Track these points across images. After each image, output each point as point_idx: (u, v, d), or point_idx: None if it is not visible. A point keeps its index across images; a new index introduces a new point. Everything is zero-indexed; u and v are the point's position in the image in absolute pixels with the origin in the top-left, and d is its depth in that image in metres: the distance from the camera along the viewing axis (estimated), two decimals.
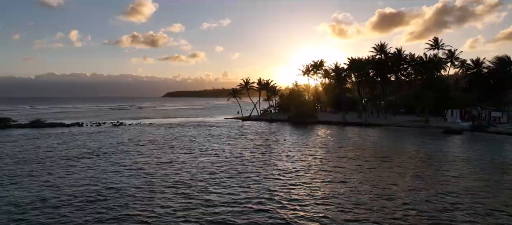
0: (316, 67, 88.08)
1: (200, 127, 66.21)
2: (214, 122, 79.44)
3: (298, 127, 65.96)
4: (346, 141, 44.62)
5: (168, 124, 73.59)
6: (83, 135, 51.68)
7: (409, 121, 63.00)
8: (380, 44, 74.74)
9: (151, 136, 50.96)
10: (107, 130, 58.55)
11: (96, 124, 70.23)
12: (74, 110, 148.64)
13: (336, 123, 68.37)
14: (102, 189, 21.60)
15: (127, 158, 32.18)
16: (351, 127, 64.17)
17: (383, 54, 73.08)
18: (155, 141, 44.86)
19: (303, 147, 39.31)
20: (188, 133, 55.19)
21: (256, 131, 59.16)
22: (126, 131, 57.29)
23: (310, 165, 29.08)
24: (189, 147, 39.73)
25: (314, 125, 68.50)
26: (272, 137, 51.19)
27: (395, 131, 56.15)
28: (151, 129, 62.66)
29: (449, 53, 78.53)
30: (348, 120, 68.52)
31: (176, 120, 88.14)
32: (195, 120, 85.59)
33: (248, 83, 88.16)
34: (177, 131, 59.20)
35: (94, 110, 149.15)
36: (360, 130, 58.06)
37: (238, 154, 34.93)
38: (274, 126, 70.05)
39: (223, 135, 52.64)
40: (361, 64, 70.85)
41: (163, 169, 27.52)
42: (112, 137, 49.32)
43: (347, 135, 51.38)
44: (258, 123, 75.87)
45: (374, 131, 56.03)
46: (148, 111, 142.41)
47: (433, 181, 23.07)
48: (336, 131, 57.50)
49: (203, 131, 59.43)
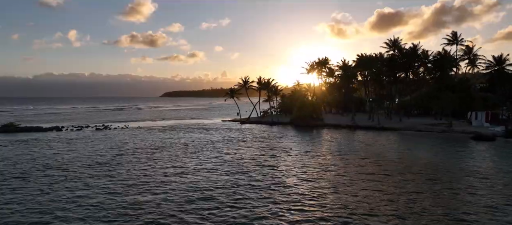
0: (321, 65, 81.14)
1: (195, 131, 59.29)
2: (211, 125, 72.55)
3: (302, 131, 59.12)
4: (365, 150, 37.74)
5: (160, 127, 66.64)
6: (55, 142, 44.65)
7: (428, 125, 56.14)
8: (393, 39, 67.88)
9: (135, 143, 43.97)
10: (86, 136, 51.53)
11: (78, 128, 63.12)
12: (65, 111, 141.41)
13: (345, 126, 61.51)
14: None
15: (83, 180, 25.23)
16: (362, 131, 57.32)
17: (397, 50, 65.77)
18: (137, 151, 37.89)
19: (315, 158, 32.45)
20: (179, 140, 48.25)
21: (256, 136, 52.31)
22: (108, 137, 50.29)
23: (334, 186, 22.29)
24: (177, 159, 32.80)
25: (320, 129, 61.68)
26: (276, 143, 44.34)
27: (415, 136, 49.30)
28: (139, 133, 55.69)
29: (466, 49, 71.86)
30: (358, 123, 61.68)
31: (170, 122, 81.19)
32: (190, 123, 78.63)
33: (247, 82, 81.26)
34: (168, 136, 52.25)
35: (87, 111, 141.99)
36: (375, 135, 51.25)
37: (240, 169, 28.16)
38: (276, 129, 63.19)
39: (220, 142, 45.76)
40: (372, 61, 63.98)
41: (132, 197, 20.55)
42: (87, 145, 42.30)
43: (363, 142, 44.50)
44: (258, 126, 68.99)
45: (392, 137, 49.20)
46: (144, 112, 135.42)
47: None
48: (347, 137, 50.64)
49: (198, 136, 52.51)
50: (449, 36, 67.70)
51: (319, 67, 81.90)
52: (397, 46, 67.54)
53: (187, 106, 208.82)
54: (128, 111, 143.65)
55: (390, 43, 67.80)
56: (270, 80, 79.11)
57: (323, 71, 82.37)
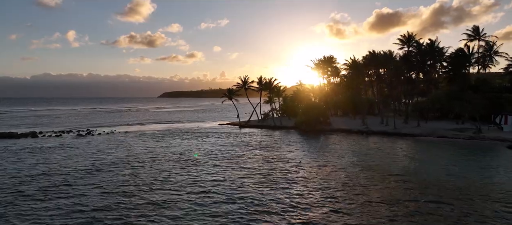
0: (326, 63, 74.73)
1: (189, 138, 52.86)
2: (207, 130, 66.14)
3: (309, 137, 52.77)
4: (391, 164, 31.38)
5: (151, 132, 60.16)
6: (22, 153, 38.15)
7: (452, 130, 49.77)
8: (408, 35, 61.40)
9: (117, 154, 37.52)
10: (63, 144, 45.00)
11: (58, 134, 56.47)
12: (56, 113, 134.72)
13: (357, 131, 55.10)
14: None
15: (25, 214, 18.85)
16: (377, 137, 50.94)
17: (412, 46, 58.93)
18: (116, 165, 31.44)
19: (334, 176, 26.07)
20: (169, 149, 41.81)
21: (257, 143, 45.94)
22: (88, 146, 43.81)
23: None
24: (163, 178, 26.41)
25: (328, 135, 55.30)
26: (281, 152, 37.96)
27: (440, 145, 42.93)
28: (126, 140, 49.22)
29: (486, 45, 65.54)
30: (371, 128, 55.29)
31: (162, 126, 74.70)
32: (185, 127, 72.12)
33: (246, 82, 74.75)
34: (157, 144, 45.83)
35: (79, 113, 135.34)
36: (393, 143, 44.89)
37: (243, 192, 21.93)
38: (279, 135, 56.82)
39: (217, 152, 39.32)
40: (386, 58, 57.49)
41: None
42: (57, 157, 35.82)
43: (384, 153, 38.10)
44: (259, 131, 62.56)
45: (415, 145, 42.86)
46: (139, 114, 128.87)
47: None
48: (362, 145, 44.26)
49: (192, 143, 46.06)
50: (470, 31, 61.35)
51: (324, 66, 75.45)
52: (412, 42, 61.04)
53: (185, 107, 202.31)
54: (123, 113, 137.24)
55: (404, 39, 61.38)
56: (272, 80, 72.63)
57: (329, 70, 75.94)
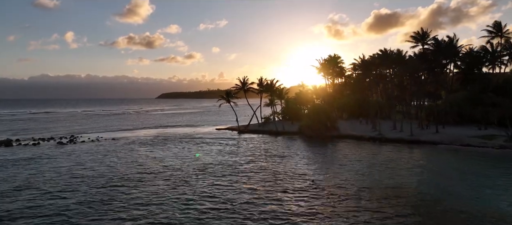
0: (331, 63, 69.37)
1: (183, 145, 47.41)
2: (203, 135, 60.75)
3: (315, 145, 47.44)
4: (420, 182, 26.00)
5: (141, 139, 54.68)
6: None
7: (476, 138, 44.36)
8: (422, 31, 55.97)
9: (96, 168, 32.03)
10: (37, 155, 39.47)
11: (36, 142, 50.75)
12: (50, 116, 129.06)
13: (369, 138, 49.68)
14: None
15: None
16: (392, 145, 45.58)
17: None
18: (90, 183, 25.96)
19: (356, 199, 20.66)
20: (159, 161, 36.32)
21: (259, 153, 40.57)
22: (65, 157, 38.30)
23: None
24: (148, 201, 20.99)
25: (336, 142, 49.93)
26: (287, 165, 32.52)
27: (468, 155, 37.56)
28: (110, 149, 43.72)
29: (506, 43, 60.22)
30: (384, 134, 49.87)
31: (156, 131, 69.15)
32: (179, 132, 66.58)
33: (245, 83, 69.27)
34: (146, 154, 40.37)
35: (69, 116, 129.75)
36: (414, 153, 39.57)
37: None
38: (282, 142, 51.45)
39: (213, 164, 33.83)
40: (400, 58, 51.99)
41: None
42: (23, 173, 30.33)
43: (405, 164, 32.69)
44: (260, 137, 57.17)
45: (440, 156, 37.51)
46: (133, 117, 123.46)
47: None
48: (378, 155, 38.87)
49: (185, 154, 40.55)
50: (490, 27, 55.90)
51: (329, 66, 70.08)
52: (427, 39, 55.55)
53: (182, 109, 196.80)
54: (119, 116, 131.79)
55: (418, 36, 55.97)
56: (274, 82, 67.00)
57: (335, 70, 70.59)
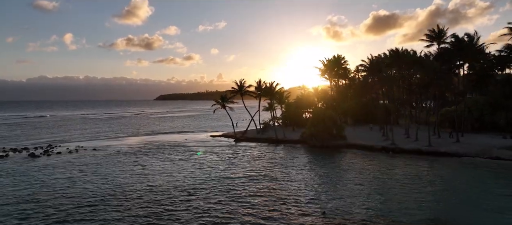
0: (335, 64, 63.68)
1: (168, 158, 41.67)
2: (197, 143, 55.30)
3: (321, 157, 41.83)
4: (460, 214, 20.38)
5: (126, 149, 48.97)
6: None
7: (506, 150, 38.62)
8: (438, 29, 50.29)
9: (58, 190, 26.32)
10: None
11: (5, 153, 44.79)
12: (35, 120, 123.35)
13: (380, 149, 43.98)
14: None
15: None
16: (408, 156, 39.95)
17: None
18: (38, 220, 20.30)
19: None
20: (141, 182, 30.59)
21: (259, 168, 34.86)
22: (30, 174, 32.58)
23: None
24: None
25: (343, 152, 44.33)
26: (291, 187, 26.74)
27: (503, 172, 31.98)
28: (88, 162, 37.97)
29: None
30: (397, 143, 44.16)
31: (146, 139, 63.55)
32: (170, 140, 60.88)
33: (243, 87, 63.56)
34: (124, 170, 34.64)
35: (60, 120, 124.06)
36: (437, 168, 33.93)
37: None
38: (283, 152, 45.87)
39: (208, 182, 28.10)
40: (415, 58, 46.19)
41: None
42: None
43: (434, 186, 27.05)
44: (258, 147, 51.55)
45: (470, 174, 31.78)
46: (126, 122, 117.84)
47: None
48: (397, 171, 33.21)
49: (173, 169, 34.79)
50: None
51: (333, 68, 64.43)
52: (444, 37, 49.84)
53: (179, 111, 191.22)
54: (112, 120, 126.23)
55: (434, 34, 50.32)
56: (273, 85, 61.12)
57: (339, 72, 64.94)
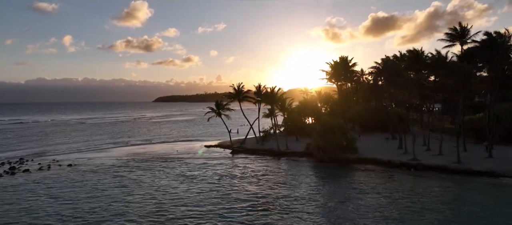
0: (341, 65, 57.55)
1: (152, 178, 35.40)
2: (188, 156, 49.18)
3: (332, 176, 35.80)
4: None
5: (105, 165, 42.77)
6: None
7: None
8: (461, 27, 44.31)
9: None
10: None
11: None
12: (25, 126, 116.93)
13: (400, 164, 37.82)
14: None
15: None
16: (434, 175, 33.92)
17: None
18: None
19: None
20: (112, 217, 24.40)
21: (259, 192, 28.71)
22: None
23: None
24: None
25: (357, 169, 38.24)
26: (303, 216, 20.66)
27: None
28: (56, 183, 31.81)
29: None
30: (419, 158, 38.00)
31: (131, 149, 57.45)
32: (159, 152, 54.69)
33: (241, 92, 57.37)
34: (94, 198, 28.44)
35: (50, 125, 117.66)
36: (473, 190, 27.86)
37: None
38: (287, 168, 39.77)
39: (198, 218, 22.03)
40: (438, 60, 40.01)
41: None
42: None
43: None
44: (258, 160, 45.40)
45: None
46: (118, 129, 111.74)
47: None
48: (428, 197, 27.09)
49: (156, 194, 28.54)
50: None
51: (341, 70, 58.31)
52: (469, 36, 43.80)
53: (176, 115, 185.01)
54: (104, 125, 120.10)
55: (457, 33, 44.27)
56: (275, 90, 54.48)
57: (348, 75, 58.87)
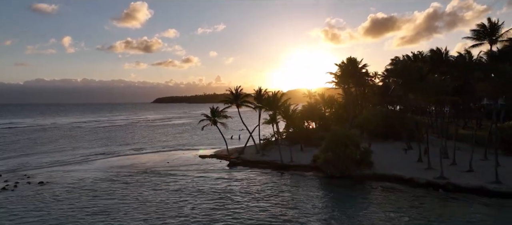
0: (352, 67, 52.10)
1: (133, 200, 29.91)
2: (179, 168, 43.87)
3: (348, 196, 30.53)
4: None
5: (82, 182, 37.35)
6: None
7: None
8: (490, 24, 38.87)
9: None
10: None
11: None
12: (12, 131, 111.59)
13: (425, 184, 32.32)
14: None
15: None
16: (468, 199, 28.52)
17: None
18: None
19: None
20: None
21: (261, 218, 23.42)
22: None
23: None
24: None
25: (374, 188, 32.86)
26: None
27: None
28: (9, 209, 26.31)
29: None
30: (447, 176, 32.49)
31: (119, 161, 52.13)
32: (149, 163, 49.30)
33: (239, 96, 51.87)
34: (63, 222, 23.01)
35: (42, 129, 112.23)
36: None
37: None
38: (293, 187, 34.38)
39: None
40: (467, 61, 34.47)
41: None
42: None
43: None
44: (259, 175, 39.96)
45: None
46: (111, 134, 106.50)
47: None
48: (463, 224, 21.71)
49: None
50: None
51: (350, 73, 52.81)
52: (498, 35, 38.46)
53: (173, 117, 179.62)
54: (96, 131, 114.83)
55: (486, 31, 38.73)
56: (278, 95, 48.40)
57: (358, 77, 53.39)
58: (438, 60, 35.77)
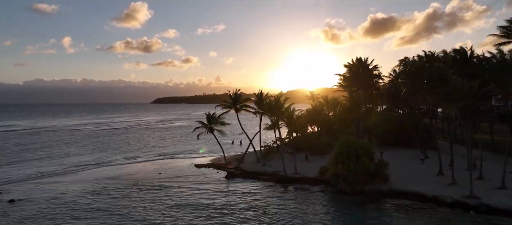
0: (364, 70, 47.83)
1: (117, 218, 25.88)
2: (172, 180, 39.73)
3: (362, 216, 26.18)
4: None
5: (62, 198, 33.26)
6: None
7: None
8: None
9: None
10: None
11: None
12: (5, 134, 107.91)
13: (451, 203, 27.98)
14: None
15: None
16: (505, 220, 24.25)
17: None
18: None
19: None
20: None
21: None
22: None
23: None
24: None
25: (392, 207, 28.64)
26: None
27: None
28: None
29: None
30: (477, 194, 28.14)
31: (107, 172, 48.07)
32: (140, 174, 45.23)
33: (238, 99, 47.56)
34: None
35: (34, 134, 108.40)
36: None
37: None
38: (298, 205, 30.19)
39: None
40: (505, 63, 30.05)
41: None
42: None
43: None
44: (260, 189, 35.74)
45: None
46: (106, 139, 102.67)
47: None
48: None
49: None
50: None
51: (361, 75, 48.50)
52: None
53: (172, 120, 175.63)
54: (90, 136, 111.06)
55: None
56: (281, 99, 43.63)
57: (371, 79, 49.11)
58: (463, 61, 31.48)
